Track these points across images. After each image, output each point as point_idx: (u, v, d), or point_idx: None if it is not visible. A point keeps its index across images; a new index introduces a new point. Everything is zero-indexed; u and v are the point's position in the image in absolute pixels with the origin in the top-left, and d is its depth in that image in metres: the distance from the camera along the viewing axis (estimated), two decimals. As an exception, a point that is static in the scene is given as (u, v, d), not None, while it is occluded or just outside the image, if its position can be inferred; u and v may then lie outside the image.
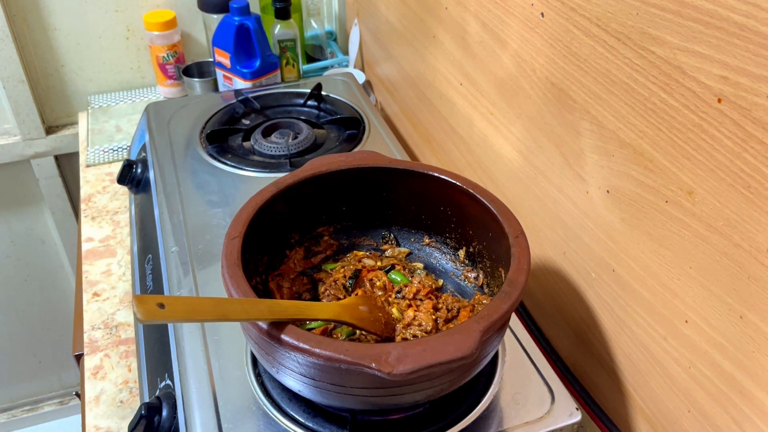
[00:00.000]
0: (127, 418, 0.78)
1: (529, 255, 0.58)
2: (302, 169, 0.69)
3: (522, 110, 0.76)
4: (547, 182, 0.74)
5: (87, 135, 1.34)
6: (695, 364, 0.56)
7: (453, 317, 0.67)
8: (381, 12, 1.20)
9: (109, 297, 0.95)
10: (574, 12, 0.62)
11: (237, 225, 0.60)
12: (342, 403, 0.59)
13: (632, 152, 0.58)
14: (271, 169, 0.95)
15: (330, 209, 0.74)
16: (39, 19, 1.33)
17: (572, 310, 0.74)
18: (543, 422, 0.61)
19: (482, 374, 0.65)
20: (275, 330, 0.50)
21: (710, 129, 0.48)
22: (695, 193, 0.52)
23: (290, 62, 1.29)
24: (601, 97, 0.61)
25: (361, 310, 0.63)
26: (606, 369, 0.70)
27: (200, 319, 0.50)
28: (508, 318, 0.56)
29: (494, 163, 0.87)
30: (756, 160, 0.45)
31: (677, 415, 0.60)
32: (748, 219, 0.47)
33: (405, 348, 0.48)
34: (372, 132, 1.04)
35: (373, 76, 1.35)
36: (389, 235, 0.76)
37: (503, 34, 0.76)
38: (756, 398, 0.50)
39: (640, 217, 0.59)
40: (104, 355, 0.87)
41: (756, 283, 0.47)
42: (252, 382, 0.64)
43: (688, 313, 0.56)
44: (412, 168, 0.69)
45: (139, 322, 0.44)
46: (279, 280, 0.69)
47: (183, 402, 0.64)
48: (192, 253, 0.80)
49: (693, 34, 0.48)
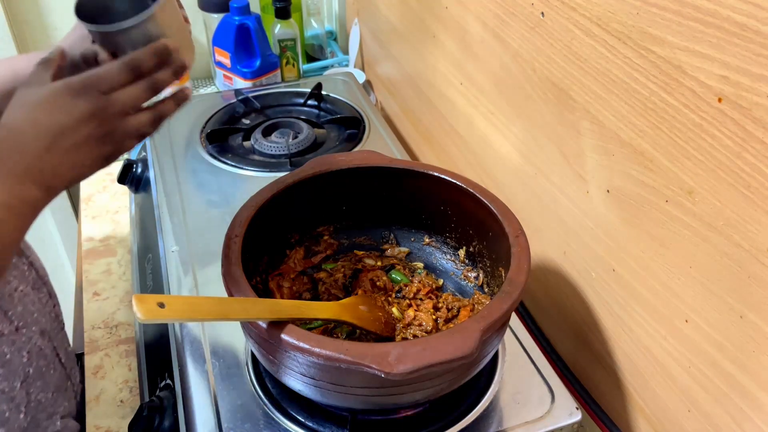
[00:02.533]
0: (127, 418, 0.78)
1: (529, 254, 0.58)
2: (302, 168, 0.69)
3: (522, 110, 0.76)
4: (548, 182, 0.74)
5: (87, 134, 1.34)
6: (695, 363, 0.56)
7: (453, 317, 0.67)
8: (381, 11, 1.20)
9: (109, 296, 0.95)
10: (575, 12, 0.62)
11: (237, 225, 0.60)
12: (342, 402, 0.59)
13: (632, 152, 0.58)
14: (271, 168, 0.95)
15: (330, 209, 0.74)
16: (39, 19, 1.33)
17: (572, 309, 0.74)
18: (543, 422, 0.61)
19: (482, 374, 0.65)
20: (275, 330, 0.50)
21: (710, 128, 0.48)
22: (695, 192, 0.52)
23: (290, 62, 1.29)
24: (602, 97, 0.61)
25: (361, 309, 0.63)
26: (606, 368, 0.70)
27: (200, 318, 0.50)
28: (508, 318, 0.56)
29: (494, 162, 0.87)
30: (756, 160, 0.45)
31: (677, 414, 0.60)
32: (749, 219, 0.47)
33: (405, 347, 0.48)
34: (372, 131, 1.04)
35: (373, 76, 1.35)
36: (389, 234, 0.76)
37: (503, 34, 0.76)
38: (756, 398, 0.50)
39: (640, 216, 0.59)
40: (104, 354, 0.86)
41: (756, 282, 0.47)
42: (252, 382, 0.64)
43: (689, 312, 0.56)
44: (413, 168, 0.69)
45: (140, 321, 0.44)
46: (279, 280, 0.69)
47: (183, 402, 0.64)
48: (192, 252, 0.80)
49: (693, 33, 0.48)
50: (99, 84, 0.53)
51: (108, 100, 0.53)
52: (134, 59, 0.55)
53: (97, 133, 0.53)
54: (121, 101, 0.54)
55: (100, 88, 0.53)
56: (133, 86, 0.55)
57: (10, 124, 0.52)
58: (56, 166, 0.51)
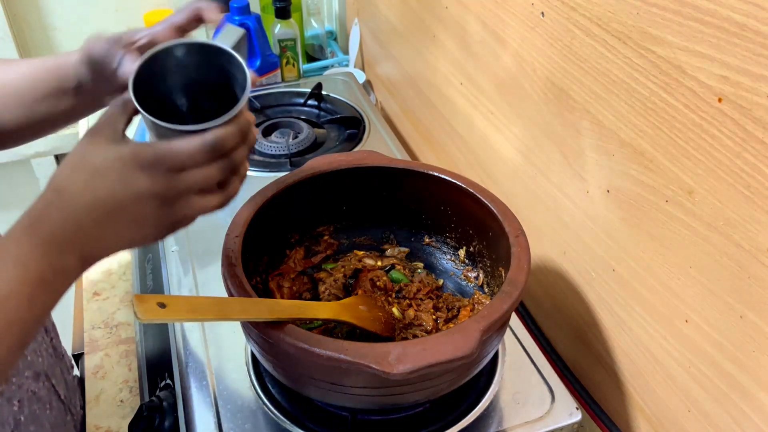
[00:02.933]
0: (127, 418, 0.78)
1: (530, 254, 0.58)
2: (302, 168, 0.69)
3: (522, 110, 0.76)
4: (548, 182, 0.74)
5: (87, 134, 1.34)
6: (695, 363, 0.56)
7: (453, 317, 0.67)
8: (381, 11, 1.20)
9: (109, 296, 0.95)
10: (575, 11, 0.62)
11: (237, 225, 0.60)
12: (342, 402, 0.59)
13: (632, 152, 0.58)
14: (272, 168, 0.95)
15: (330, 209, 0.74)
16: (39, 19, 1.33)
17: (572, 309, 0.74)
18: (543, 422, 0.61)
19: (482, 374, 0.65)
20: (275, 330, 0.50)
21: (710, 128, 0.48)
22: (695, 192, 0.52)
23: (290, 62, 1.29)
24: (602, 97, 0.61)
25: (361, 309, 0.63)
26: (606, 368, 0.70)
27: (200, 318, 0.50)
28: (508, 318, 0.56)
29: (494, 162, 0.87)
30: (756, 160, 0.45)
31: (677, 414, 0.60)
32: (749, 218, 0.47)
33: (405, 347, 0.48)
34: (372, 131, 1.04)
35: (374, 76, 1.35)
36: (389, 234, 0.76)
37: (503, 34, 0.76)
38: (756, 398, 0.50)
39: (640, 216, 0.59)
40: (104, 354, 0.86)
41: (756, 282, 0.47)
42: (252, 382, 0.64)
43: (689, 312, 0.55)
44: (413, 167, 0.69)
45: (140, 321, 0.44)
46: (279, 280, 0.69)
47: (183, 402, 0.64)
48: (192, 252, 0.80)
49: (693, 33, 0.48)
50: (173, 162, 0.45)
51: (177, 180, 0.46)
52: (220, 140, 0.46)
53: (156, 213, 0.47)
54: (191, 182, 0.47)
55: (173, 166, 0.45)
56: (208, 166, 0.47)
57: (62, 184, 0.45)
58: (102, 239, 0.46)
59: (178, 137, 0.46)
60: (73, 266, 0.45)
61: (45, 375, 0.68)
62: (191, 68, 0.50)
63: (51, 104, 0.58)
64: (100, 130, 0.47)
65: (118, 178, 0.45)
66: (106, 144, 0.46)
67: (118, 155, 0.45)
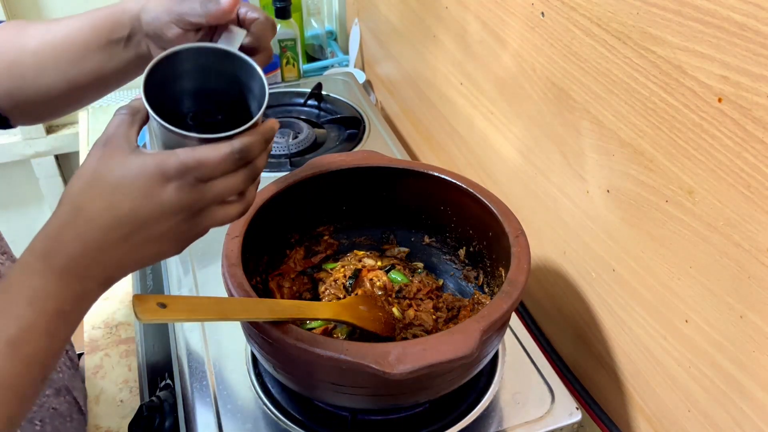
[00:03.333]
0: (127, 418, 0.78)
1: (530, 254, 0.58)
2: (302, 168, 0.69)
3: (522, 110, 0.76)
4: (548, 182, 0.74)
5: (87, 134, 1.34)
6: (695, 363, 0.56)
7: (453, 317, 0.67)
8: (381, 11, 1.20)
9: (109, 296, 0.95)
10: (575, 11, 0.62)
11: (237, 225, 0.60)
12: (342, 402, 0.59)
13: (632, 152, 0.58)
14: (271, 168, 0.95)
15: (330, 209, 0.74)
16: (39, 19, 1.33)
17: (572, 309, 0.74)
18: (543, 422, 0.61)
19: (482, 374, 0.65)
20: (275, 330, 0.50)
21: (710, 128, 0.48)
22: (695, 192, 0.52)
23: (290, 62, 1.29)
24: (602, 97, 0.61)
25: (361, 309, 0.63)
26: (606, 368, 0.70)
27: (201, 318, 0.50)
28: (508, 318, 0.56)
29: (494, 162, 0.87)
30: (756, 160, 0.45)
31: (677, 414, 0.60)
32: (749, 218, 0.47)
33: (405, 347, 0.48)
34: (372, 131, 1.04)
35: (374, 76, 1.35)
36: (389, 234, 0.76)
37: (503, 34, 0.76)
38: (756, 398, 0.50)
39: (640, 216, 0.59)
40: (104, 354, 0.86)
41: (756, 282, 0.47)
42: (252, 382, 0.64)
43: (689, 312, 0.55)
44: (413, 167, 0.69)
45: (140, 321, 0.43)
46: (279, 280, 0.69)
47: (183, 402, 0.64)
48: (192, 252, 0.80)
49: (693, 33, 0.48)
50: (198, 172, 0.42)
51: (202, 191, 0.43)
52: (247, 147, 0.44)
53: (179, 228, 0.44)
54: (216, 192, 0.44)
55: (201, 175, 0.43)
56: (232, 175, 0.45)
57: (78, 202, 0.42)
58: (123, 260, 0.43)
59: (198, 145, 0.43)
60: (92, 290, 0.43)
61: (66, 389, 0.68)
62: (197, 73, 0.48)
63: (101, 59, 0.55)
64: (111, 140, 0.43)
65: (142, 192, 0.42)
66: (122, 156, 0.42)
67: (141, 167, 0.42)
